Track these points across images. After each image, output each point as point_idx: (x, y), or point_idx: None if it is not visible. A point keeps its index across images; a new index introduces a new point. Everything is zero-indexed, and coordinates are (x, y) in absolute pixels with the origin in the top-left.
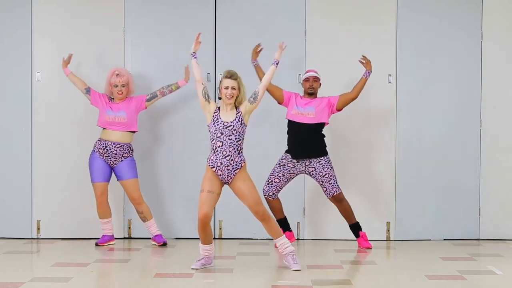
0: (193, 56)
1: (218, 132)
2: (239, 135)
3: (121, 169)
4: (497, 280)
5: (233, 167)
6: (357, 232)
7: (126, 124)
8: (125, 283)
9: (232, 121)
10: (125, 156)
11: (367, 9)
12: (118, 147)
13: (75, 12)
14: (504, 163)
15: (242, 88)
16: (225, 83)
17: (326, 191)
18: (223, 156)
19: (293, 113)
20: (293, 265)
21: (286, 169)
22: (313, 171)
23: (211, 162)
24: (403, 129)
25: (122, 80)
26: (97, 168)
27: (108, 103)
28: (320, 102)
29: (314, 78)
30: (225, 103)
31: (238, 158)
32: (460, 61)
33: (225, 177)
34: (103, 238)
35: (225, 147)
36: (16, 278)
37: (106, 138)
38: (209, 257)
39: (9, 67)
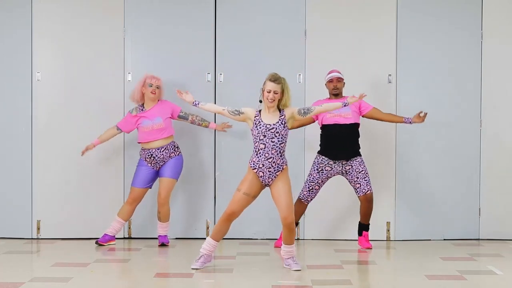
0: (195, 104)
1: (261, 134)
2: (282, 138)
3: (164, 168)
4: (497, 280)
5: (274, 169)
6: (361, 230)
7: (164, 130)
8: (125, 283)
9: (275, 123)
10: (172, 156)
11: (367, 9)
12: (163, 150)
13: (75, 12)
14: (504, 163)
15: (286, 91)
16: (268, 86)
17: (360, 187)
18: (265, 158)
19: (329, 116)
20: (294, 265)
21: (325, 173)
22: (350, 168)
23: (253, 163)
24: (403, 129)
25: (158, 82)
26: (141, 176)
27: (140, 114)
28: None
29: (338, 78)
30: (267, 106)
31: (280, 160)
32: (460, 61)
33: (266, 179)
34: (104, 237)
35: (268, 149)
36: (16, 278)
37: (149, 147)
38: (209, 255)
39: (9, 67)
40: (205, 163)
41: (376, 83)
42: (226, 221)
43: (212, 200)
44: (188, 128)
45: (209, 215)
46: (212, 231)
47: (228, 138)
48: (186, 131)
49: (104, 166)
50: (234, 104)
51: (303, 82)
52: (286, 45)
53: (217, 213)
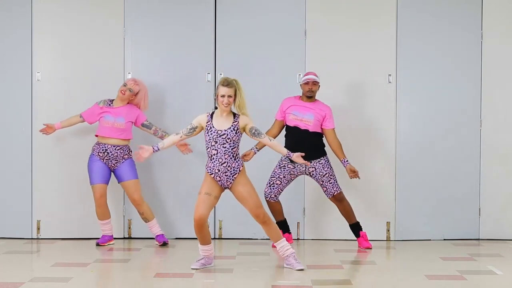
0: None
1: (212, 140)
2: (234, 143)
3: (122, 171)
4: (497, 280)
5: (231, 172)
6: (357, 232)
7: (123, 131)
8: (125, 283)
9: (226, 129)
10: (125, 158)
11: (367, 9)
12: (118, 149)
13: (75, 12)
14: (504, 163)
15: (240, 93)
16: (221, 91)
17: (327, 190)
18: (220, 163)
19: (291, 118)
20: (296, 265)
21: (287, 170)
22: (314, 171)
23: (209, 169)
24: (403, 129)
25: (134, 86)
26: (96, 171)
27: (106, 108)
28: (320, 112)
29: (314, 81)
30: (221, 110)
31: (235, 164)
32: (460, 61)
33: (224, 183)
34: (103, 238)
35: (220, 154)
36: (16, 278)
37: (105, 142)
38: (209, 257)
39: (9, 67)
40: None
41: (376, 83)
42: (199, 227)
43: None
44: None
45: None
46: (198, 240)
47: None
48: None
49: None
50: None
51: None
52: (286, 45)
53: (216, 213)
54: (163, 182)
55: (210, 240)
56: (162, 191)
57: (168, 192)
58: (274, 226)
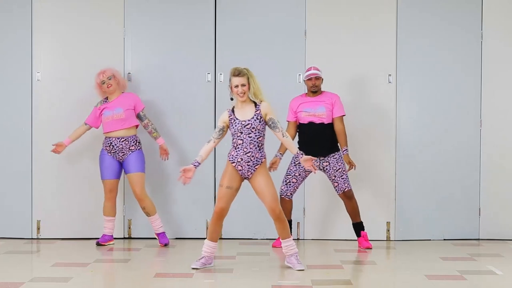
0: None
1: (237, 132)
2: (259, 132)
3: (128, 162)
4: (497, 280)
5: (253, 162)
6: (359, 231)
7: (125, 121)
8: (125, 283)
9: (250, 119)
10: (132, 149)
11: (367, 9)
12: (123, 141)
13: (75, 12)
14: (504, 163)
15: (253, 80)
16: (234, 82)
17: (338, 186)
18: (244, 153)
19: (304, 115)
20: (297, 265)
21: (302, 167)
22: (327, 165)
23: (232, 157)
24: (403, 129)
25: (106, 74)
26: (106, 166)
27: (103, 106)
28: (329, 102)
29: (316, 76)
30: (239, 101)
31: (259, 154)
32: (460, 61)
33: (245, 172)
34: (104, 237)
35: (246, 144)
36: (16, 278)
37: (109, 135)
38: (210, 257)
39: (9, 67)
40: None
41: (376, 83)
42: (217, 220)
43: (212, 200)
44: (188, 128)
45: (209, 215)
46: (208, 233)
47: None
48: (190, 130)
49: None
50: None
51: (303, 82)
52: (286, 45)
53: None
54: (165, 181)
55: (218, 238)
56: (164, 191)
57: (169, 192)
58: (286, 223)
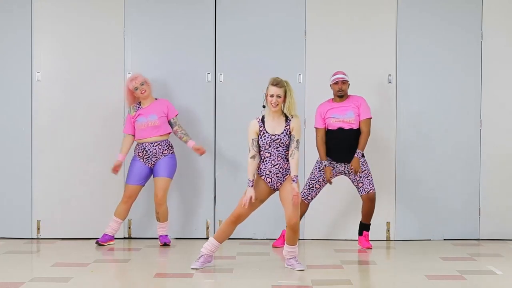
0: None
1: (265, 145)
2: (287, 147)
3: (159, 166)
4: (497, 280)
5: (282, 174)
6: (362, 230)
7: (159, 127)
8: (125, 283)
9: (279, 134)
10: (165, 153)
11: (367, 9)
12: (157, 145)
13: (75, 12)
14: (504, 163)
15: (290, 94)
16: (271, 91)
17: (362, 187)
18: (272, 165)
19: (333, 122)
20: (297, 265)
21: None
22: (352, 168)
23: (260, 171)
24: (403, 129)
25: (138, 80)
26: (134, 171)
27: (137, 112)
28: (356, 105)
29: (343, 80)
30: (271, 111)
31: (287, 165)
32: (460, 61)
33: (274, 184)
34: (104, 237)
35: (273, 157)
36: (16, 278)
37: (142, 141)
38: (209, 255)
39: (9, 67)
40: (205, 163)
41: (376, 83)
42: (232, 223)
43: (212, 200)
44: (192, 128)
45: (209, 215)
46: (217, 232)
47: (228, 138)
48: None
49: (104, 166)
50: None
51: (303, 82)
52: (286, 45)
53: (217, 213)
54: None
55: (224, 241)
56: None
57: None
58: (298, 234)
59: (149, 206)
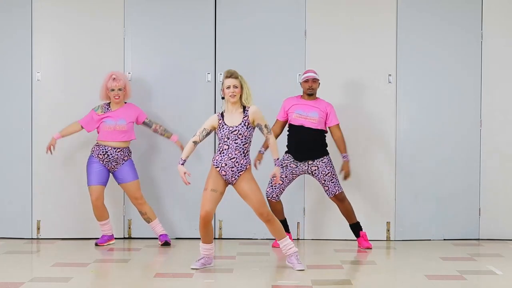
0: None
1: (224, 137)
2: (245, 139)
3: (123, 172)
4: (497, 280)
5: (237, 168)
6: (357, 232)
7: (126, 133)
8: (125, 283)
9: (237, 125)
10: (125, 159)
11: (367, 9)
12: (119, 151)
13: (75, 12)
14: (504, 163)
15: (245, 86)
16: (227, 83)
17: (328, 190)
18: (229, 158)
19: (295, 117)
20: (297, 265)
21: (289, 170)
22: (316, 170)
23: (216, 162)
24: (403, 129)
25: (119, 84)
26: (94, 172)
27: (105, 114)
28: (323, 109)
29: (313, 79)
30: (229, 103)
31: (244, 161)
32: (460, 61)
33: (229, 178)
34: (103, 238)
35: (231, 150)
36: (16, 278)
37: (105, 144)
38: (209, 257)
39: (9, 67)
40: (205, 162)
41: (376, 83)
42: (205, 224)
43: None
44: (190, 128)
45: None
46: (200, 237)
47: None
48: (187, 131)
49: None
50: None
51: None
52: (286, 45)
53: (217, 213)
54: (162, 182)
55: (212, 239)
56: (161, 192)
57: (167, 192)
58: (278, 224)
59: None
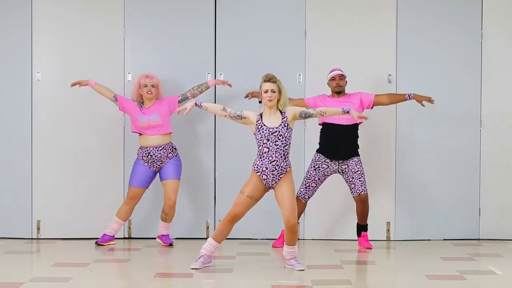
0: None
1: (264, 138)
2: (286, 140)
3: (166, 170)
4: (497, 280)
5: (278, 172)
6: (360, 231)
7: (161, 126)
8: (125, 283)
9: (277, 126)
10: (170, 157)
11: (367, 9)
12: (161, 150)
13: (75, 12)
14: (504, 163)
15: (283, 91)
16: (265, 87)
17: (355, 187)
18: (269, 161)
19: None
20: (297, 265)
21: (321, 171)
22: (346, 168)
23: (257, 167)
24: (403, 129)
25: (152, 80)
26: (138, 174)
27: (140, 109)
28: (355, 101)
29: (340, 76)
30: (267, 107)
31: (284, 163)
32: (460, 61)
33: (270, 182)
34: (104, 237)
35: (272, 152)
36: (16, 278)
37: (146, 145)
38: (209, 255)
39: (9, 67)
40: (205, 163)
41: (376, 83)
42: (229, 223)
43: (212, 200)
44: (188, 128)
45: (209, 215)
46: (214, 232)
47: (228, 138)
48: (186, 131)
49: (104, 166)
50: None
51: (303, 82)
52: (286, 45)
53: (217, 213)
54: None
55: (222, 240)
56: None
57: None
58: (297, 234)
59: (149, 207)
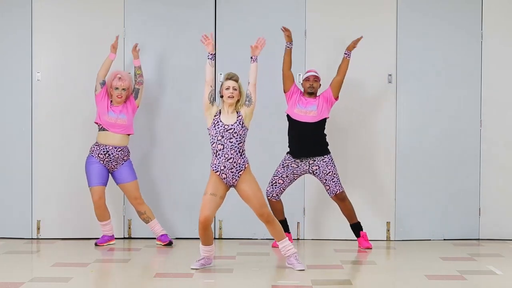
0: (209, 58)
1: (218, 135)
2: (240, 138)
3: (122, 173)
4: (497, 280)
5: (236, 169)
6: (358, 232)
7: (126, 127)
8: (125, 283)
9: (233, 124)
10: (125, 159)
11: (367, 9)
12: (119, 151)
13: (75, 12)
14: (504, 163)
15: (243, 92)
16: (227, 84)
17: (329, 189)
18: (226, 159)
19: (296, 111)
20: (297, 265)
21: (290, 169)
22: (317, 169)
23: (214, 166)
24: (403, 129)
25: (124, 84)
26: (95, 173)
27: (110, 106)
28: (319, 99)
29: (315, 77)
30: (226, 104)
31: (241, 160)
32: (460, 61)
33: (230, 180)
34: (103, 238)
35: (227, 150)
36: (16, 278)
37: (106, 143)
38: (209, 257)
39: (9, 67)
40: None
41: (376, 83)
42: (204, 228)
43: None
44: (189, 128)
45: None
46: (200, 239)
47: None
48: (186, 131)
49: None
50: None
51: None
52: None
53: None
54: (162, 182)
55: (212, 241)
56: (161, 192)
57: (166, 193)
58: (278, 225)
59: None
